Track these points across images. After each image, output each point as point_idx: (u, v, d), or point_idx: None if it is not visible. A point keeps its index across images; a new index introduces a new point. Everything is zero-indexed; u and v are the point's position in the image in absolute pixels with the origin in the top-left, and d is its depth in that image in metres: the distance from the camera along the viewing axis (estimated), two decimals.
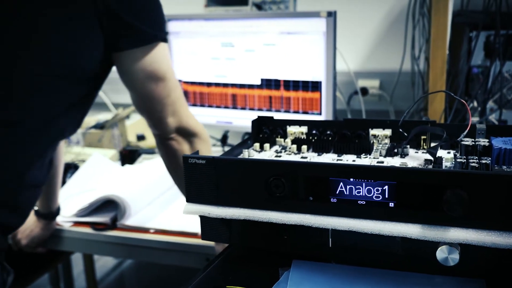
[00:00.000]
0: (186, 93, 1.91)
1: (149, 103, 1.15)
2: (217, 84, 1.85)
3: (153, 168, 1.67)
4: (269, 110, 1.78)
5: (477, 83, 1.62)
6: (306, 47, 1.66)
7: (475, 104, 1.60)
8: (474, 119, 1.58)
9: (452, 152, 0.87)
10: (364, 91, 2.12)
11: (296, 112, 1.73)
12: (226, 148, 1.99)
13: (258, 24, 1.73)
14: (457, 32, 1.66)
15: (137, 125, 2.35)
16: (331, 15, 1.59)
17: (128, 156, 1.89)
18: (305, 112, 1.71)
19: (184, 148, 1.22)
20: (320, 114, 1.69)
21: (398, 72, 2.05)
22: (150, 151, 1.97)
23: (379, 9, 2.18)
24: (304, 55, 1.67)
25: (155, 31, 1.10)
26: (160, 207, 1.52)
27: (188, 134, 1.22)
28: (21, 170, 1.02)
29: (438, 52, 1.55)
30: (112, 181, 1.57)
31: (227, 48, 1.80)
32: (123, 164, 1.87)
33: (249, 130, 1.04)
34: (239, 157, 0.88)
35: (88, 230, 1.41)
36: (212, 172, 0.76)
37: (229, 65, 1.81)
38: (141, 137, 2.15)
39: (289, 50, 1.70)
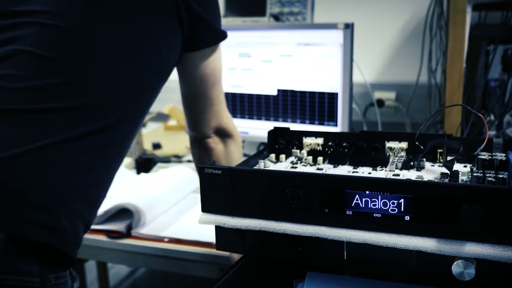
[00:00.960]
0: None
1: (200, 101, 1.18)
2: (234, 94, 1.86)
3: (168, 177, 1.68)
4: (285, 120, 1.78)
5: (494, 96, 1.61)
6: (323, 59, 1.67)
7: (492, 117, 1.59)
8: (491, 132, 1.57)
9: (468, 166, 0.87)
10: (380, 103, 2.12)
11: (312, 122, 1.73)
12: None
13: (275, 35, 1.74)
14: (475, 45, 1.65)
15: (153, 134, 2.37)
16: (348, 27, 1.59)
17: (144, 164, 1.90)
18: (321, 123, 1.71)
19: (219, 147, 1.26)
20: (336, 125, 1.69)
21: (415, 84, 2.04)
22: (165, 160, 1.98)
23: (396, 22, 2.18)
24: (320, 67, 1.68)
25: (221, 28, 1.15)
26: (175, 216, 1.52)
27: (224, 135, 1.26)
28: (114, 169, 1.05)
29: (455, 65, 1.54)
30: (128, 190, 1.58)
31: (244, 58, 1.80)
32: (138, 172, 1.88)
33: (265, 140, 1.04)
34: (255, 167, 0.89)
35: (102, 238, 1.42)
36: (228, 183, 0.77)
37: (246, 75, 1.82)
38: (157, 146, 2.16)
39: (306, 61, 1.70)
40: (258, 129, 1.83)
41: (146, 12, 1.01)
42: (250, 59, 1.80)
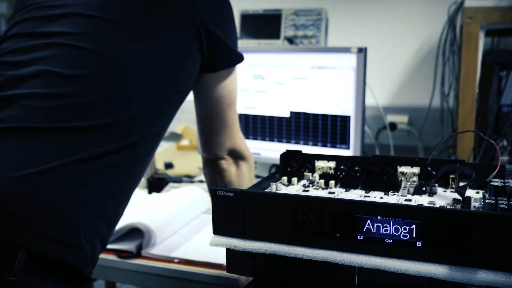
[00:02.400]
0: None
1: (215, 122, 1.20)
2: (247, 115, 1.87)
3: (180, 197, 1.69)
4: (297, 142, 1.78)
5: (507, 122, 1.60)
6: (335, 82, 1.68)
7: (505, 143, 1.59)
8: (504, 158, 1.56)
9: (481, 192, 0.86)
10: (393, 126, 2.12)
11: (324, 145, 1.73)
12: None
13: (289, 57, 1.75)
14: (487, 71, 1.66)
15: (165, 153, 2.38)
16: (362, 51, 1.60)
17: (156, 184, 1.91)
18: (333, 146, 1.72)
19: (232, 169, 1.27)
20: (348, 148, 1.69)
21: (427, 108, 2.05)
22: (177, 180, 1.99)
23: (409, 46, 2.20)
24: (333, 90, 1.69)
25: (238, 50, 1.17)
26: (185, 236, 1.52)
27: (237, 157, 1.27)
28: (132, 189, 1.06)
29: (468, 90, 1.55)
30: (139, 209, 1.58)
31: (258, 80, 1.82)
32: (150, 192, 1.89)
33: (277, 161, 1.05)
34: (266, 190, 0.89)
35: (112, 257, 1.42)
36: (240, 205, 0.77)
37: (259, 97, 1.83)
38: (169, 165, 2.17)
39: (319, 84, 1.71)
40: (271, 150, 1.84)
41: (168, 34, 1.03)
42: (264, 81, 1.81)
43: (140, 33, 1.01)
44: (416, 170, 0.91)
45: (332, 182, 0.91)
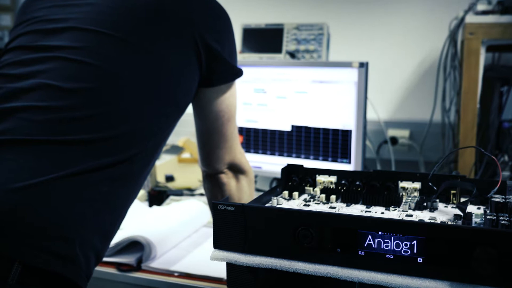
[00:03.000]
0: None
1: (215, 136, 1.20)
2: (248, 129, 1.87)
3: (180, 210, 1.68)
4: (299, 156, 1.78)
5: (508, 137, 1.61)
6: (337, 96, 1.68)
7: (506, 158, 1.59)
8: (505, 173, 1.56)
9: (482, 208, 0.86)
10: (394, 140, 2.12)
11: (325, 159, 1.73)
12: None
13: (290, 72, 1.76)
14: (488, 86, 1.66)
15: (166, 166, 2.38)
16: (363, 66, 1.61)
17: (157, 197, 1.91)
18: (334, 160, 1.72)
19: (231, 183, 1.26)
20: (349, 162, 1.69)
21: (429, 123, 2.05)
22: (178, 193, 1.99)
23: (411, 61, 2.20)
24: (335, 104, 1.69)
25: (237, 66, 1.17)
26: (186, 250, 1.52)
27: (237, 171, 1.27)
28: (129, 202, 1.06)
29: (469, 105, 1.55)
30: (139, 222, 1.58)
31: (260, 94, 1.82)
32: (151, 205, 1.89)
33: (278, 175, 1.05)
34: (267, 205, 0.89)
35: (112, 270, 1.41)
36: (241, 219, 0.77)
37: (260, 111, 1.84)
38: (170, 178, 2.17)
39: (320, 98, 1.72)
40: (272, 164, 1.84)
41: (167, 49, 1.04)
42: (265, 95, 1.82)
43: (139, 47, 1.02)
44: (417, 185, 0.92)
45: (333, 197, 0.91)
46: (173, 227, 1.57)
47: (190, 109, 1.18)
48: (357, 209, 0.86)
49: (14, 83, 0.98)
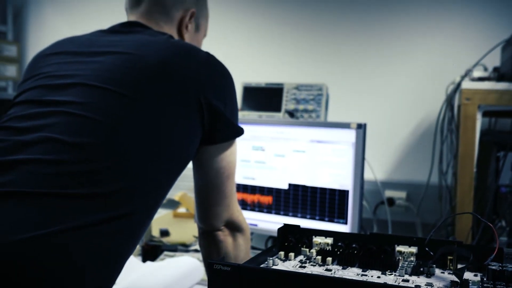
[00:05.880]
0: None
1: (213, 193, 1.20)
2: (245, 186, 1.87)
3: (174, 267, 1.66)
4: (295, 215, 1.78)
5: (505, 202, 1.61)
6: (334, 156, 1.69)
7: (504, 223, 1.59)
8: (503, 238, 1.56)
9: (479, 275, 0.86)
10: (391, 201, 2.12)
11: (322, 219, 1.73)
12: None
13: (289, 131, 1.77)
14: (485, 151, 1.68)
15: (162, 220, 2.37)
16: (361, 127, 1.63)
17: (151, 251, 1.89)
18: (330, 220, 1.71)
19: (228, 240, 1.26)
20: (345, 223, 1.69)
21: (426, 185, 2.05)
22: (172, 248, 1.97)
23: (408, 123, 2.23)
24: (332, 164, 1.70)
25: (238, 124, 1.19)
26: None
27: (234, 229, 1.26)
28: (125, 258, 1.05)
29: (466, 169, 1.56)
30: (133, 278, 1.56)
31: (258, 151, 1.84)
32: (144, 260, 1.86)
33: (274, 233, 1.04)
34: (263, 265, 0.88)
35: None
36: (236, 280, 0.76)
37: (258, 168, 1.84)
38: (165, 233, 2.15)
39: (318, 157, 1.73)
40: (268, 222, 1.83)
41: (171, 107, 1.06)
42: (264, 153, 1.83)
43: (143, 105, 1.03)
44: (414, 249, 0.91)
45: (329, 259, 0.90)
46: (166, 284, 1.54)
47: (189, 163, 1.19)
48: (353, 272, 0.86)
49: (19, 136, 0.99)
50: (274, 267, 0.87)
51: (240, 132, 1.19)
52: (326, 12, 2.53)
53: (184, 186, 2.15)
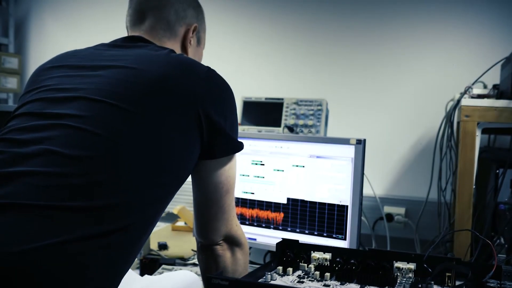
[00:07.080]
0: None
1: (212, 208, 1.20)
2: (244, 200, 1.87)
3: (172, 281, 1.66)
4: (294, 230, 1.78)
5: (504, 219, 1.61)
6: (334, 171, 1.69)
7: (502, 240, 1.58)
8: (501, 256, 1.55)
9: None
10: (390, 217, 2.12)
11: (321, 234, 1.72)
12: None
13: (288, 145, 1.78)
14: (484, 168, 1.68)
15: (160, 233, 2.36)
16: (360, 142, 1.63)
17: (149, 265, 1.88)
18: (329, 235, 1.71)
19: (227, 255, 1.25)
20: (344, 238, 1.68)
21: (424, 201, 2.05)
22: (170, 262, 1.96)
23: (407, 139, 2.24)
24: (331, 179, 1.70)
25: (238, 139, 1.19)
26: None
27: (233, 243, 1.25)
28: (123, 272, 1.05)
29: (465, 186, 1.56)
30: None
31: (257, 166, 1.84)
32: (142, 273, 1.86)
33: (272, 248, 1.04)
34: (261, 280, 0.88)
35: None
36: None
37: (257, 183, 1.84)
38: (163, 246, 2.14)
39: (317, 172, 1.73)
40: (266, 236, 1.83)
41: (171, 121, 1.06)
42: (263, 167, 1.83)
43: (143, 119, 1.04)
44: (412, 266, 0.91)
45: (327, 275, 0.90)
46: None
47: (188, 177, 1.19)
48: None
49: (19, 148, 1.00)
50: (272, 282, 0.87)
51: (239, 147, 1.19)
52: (326, 28, 2.54)
53: (183, 200, 2.15)
